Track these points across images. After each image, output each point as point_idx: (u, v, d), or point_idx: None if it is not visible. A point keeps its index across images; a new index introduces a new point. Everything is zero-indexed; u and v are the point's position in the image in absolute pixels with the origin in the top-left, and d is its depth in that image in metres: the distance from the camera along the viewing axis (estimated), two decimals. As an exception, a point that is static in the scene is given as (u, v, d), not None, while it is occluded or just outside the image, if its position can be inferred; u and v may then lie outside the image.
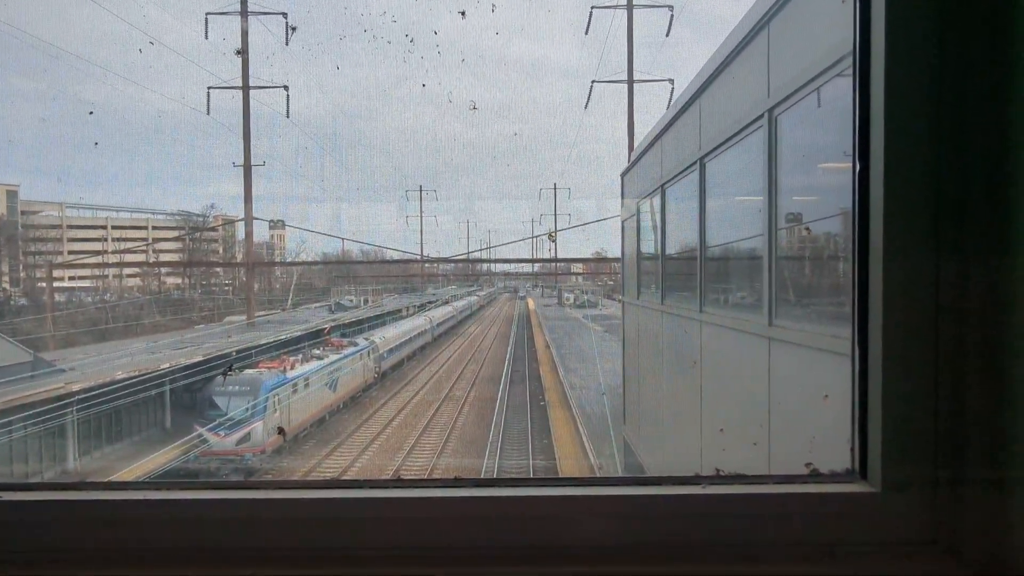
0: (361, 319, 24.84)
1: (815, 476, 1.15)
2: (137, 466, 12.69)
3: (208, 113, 16.80)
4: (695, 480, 1.11)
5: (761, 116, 5.24)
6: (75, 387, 11.96)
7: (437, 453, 16.29)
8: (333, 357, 18.68)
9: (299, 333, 19.72)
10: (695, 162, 7.30)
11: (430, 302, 32.07)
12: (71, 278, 21.44)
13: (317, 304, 26.84)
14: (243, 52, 15.83)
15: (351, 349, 20.08)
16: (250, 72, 16.77)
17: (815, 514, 1.06)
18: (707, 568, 1.06)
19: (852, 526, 1.06)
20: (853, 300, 1.11)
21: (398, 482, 1.21)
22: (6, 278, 19.52)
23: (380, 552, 1.13)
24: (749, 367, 5.68)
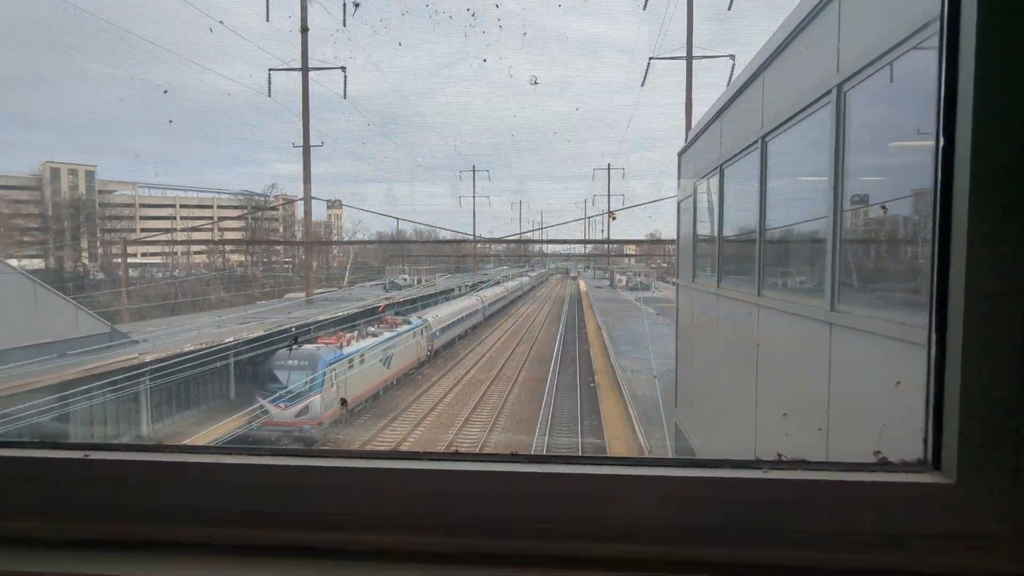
0: (414, 298, 25.29)
1: (884, 465, 1.11)
2: (204, 433, 13.40)
3: (269, 95, 17.29)
4: (756, 464, 1.09)
5: (829, 92, 5.02)
6: (148, 358, 12.69)
7: (487, 430, 16.53)
8: (387, 335, 19.13)
9: (355, 310, 20.26)
10: (756, 141, 7.06)
11: (482, 282, 32.31)
12: (143, 254, 22.62)
13: (372, 283, 27.47)
14: (303, 31, 16.15)
15: (405, 327, 20.50)
16: (309, 54, 17.11)
17: (884, 504, 1.03)
18: (766, 553, 1.05)
19: (924, 517, 1.02)
20: (932, 285, 1.06)
21: (455, 455, 1.24)
22: (85, 254, 20.78)
23: (438, 522, 1.16)
24: (808, 352, 5.51)
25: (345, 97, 17.62)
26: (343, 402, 15.34)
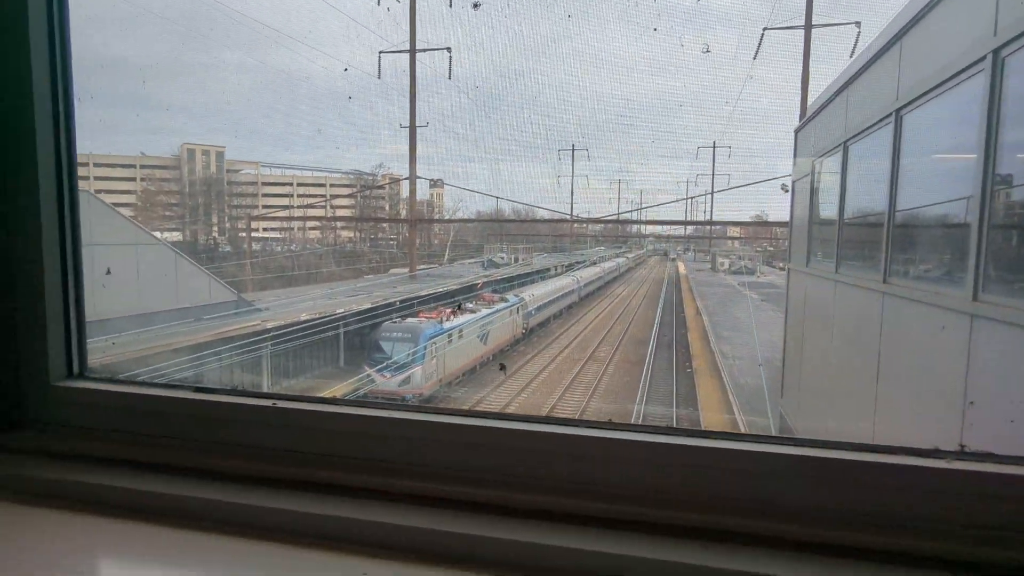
0: (511, 276, 25.61)
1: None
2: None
3: (379, 77, 17.93)
4: (935, 453, 1.04)
5: (983, 59, 4.54)
6: (269, 325, 13.74)
7: (580, 412, 16.58)
8: (485, 311, 19.54)
9: (454, 287, 20.83)
10: (889, 115, 6.52)
11: (578, 262, 32.17)
12: (264, 229, 24.42)
13: (471, 260, 28.09)
14: (411, 14, 16.56)
15: (502, 304, 20.85)
16: (417, 35, 17.55)
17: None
18: (944, 547, 1.00)
19: None
20: None
21: (561, 420, 1.28)
22: (215, 228, 22.74)
23: (536, 481, 1.22)
24: (942, 345, 5.10)
25: (450, 78, 17.96)
26: (502, 367, 16.07)
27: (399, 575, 1.11)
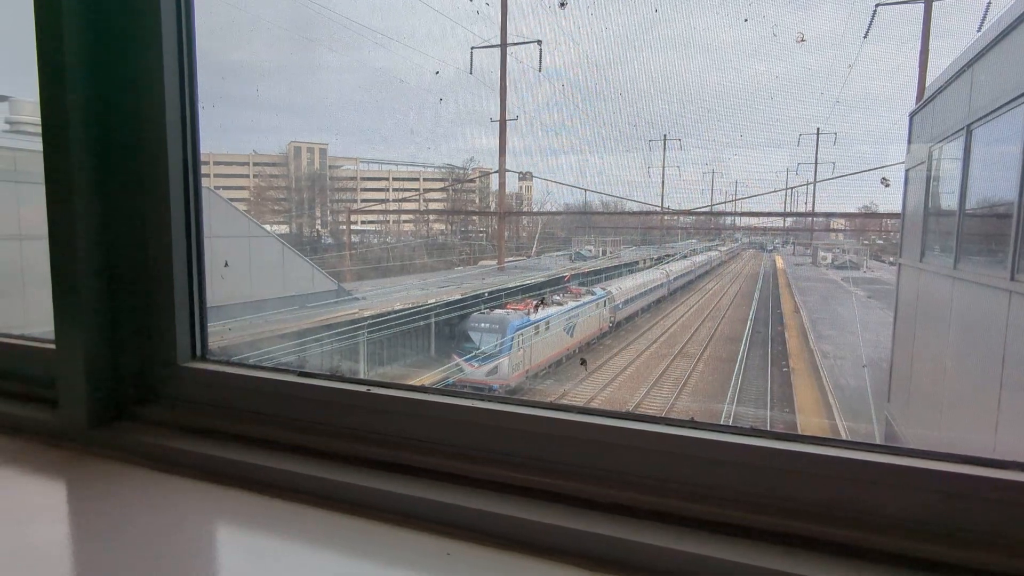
0: (599, 269, 25.37)
1: None
2: (409, 384, 14.95)
3: (471, 72, 18.21)
4: (1048, 469, 0.96)
5: None
6: (366, 313, 14.42)
7: (666, 410, 16.23)
8: (572, 304, 19.50)
9: (542, 279, 20.92)
10: (1022, 94, 5.91)
11: (668, 255, 31.37)
12: (363, 222, 25.55)
13: (558, 253, 28.07)
14: (503, 9, 16.70)
15: (588, 298, 20.73)
16: (508, 29, 17.67)
17: None
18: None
19: None
20: None
21: (641, 416, 1.28)
22: (319, 221, 24.06)
23: (618, 476, 1.24)
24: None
25: (540, 70, 17.95)
26: (583, 362, 16.24)
27: (482, 557, 1.16)
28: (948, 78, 8.83)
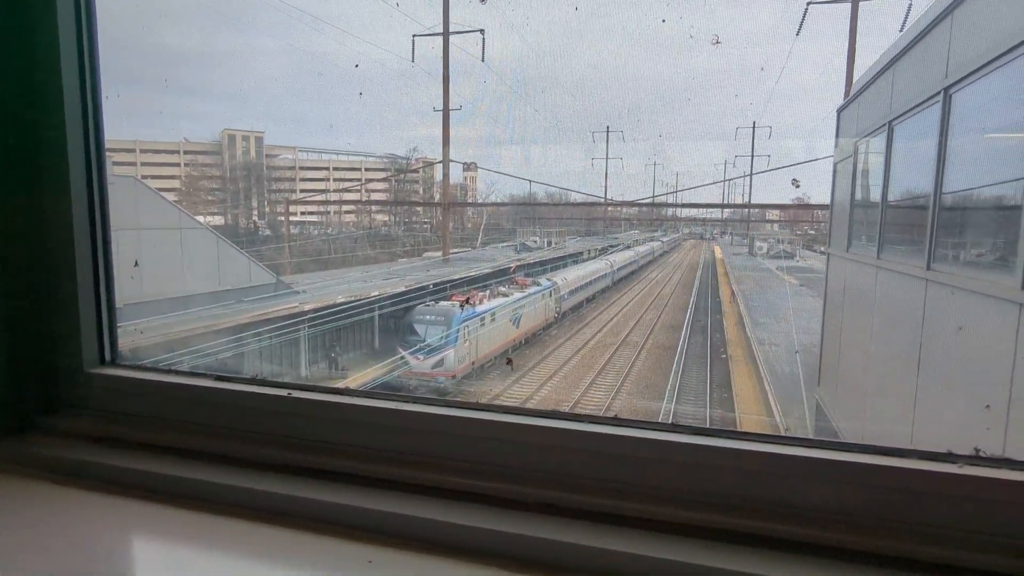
0: (544, 260, 25.55)
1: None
2: (353, 378, 14.69)
3: (413, 61, 17.93)
4: (948, 457, 1.01)
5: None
6: (306, 307, 14.05)
7: (612, 395, 16.53)
8: (517, 295, 19.57)
9: (487, 270, 20.89)
10: (937, 93, 6.25)
11: (612, 246, 31.88)
12: (302, 213, 24.90)
13: (504, 244, 28.11)
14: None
15: (534, 288, 20.84)
16: (451, 17, 17.47)
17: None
18: (954, 555, 0.98)
19: None
20: None
21: (573, 416, 1.28)
22: (255, 212, 23.27)
23: (546, 476, 1.23)
24: (991, 336, 4.91)
25: (483, 60, 17.84)
26: (508, 361, 16.15)
27: (405, 564, 1.13)
28: (872, 76, 9.26)
